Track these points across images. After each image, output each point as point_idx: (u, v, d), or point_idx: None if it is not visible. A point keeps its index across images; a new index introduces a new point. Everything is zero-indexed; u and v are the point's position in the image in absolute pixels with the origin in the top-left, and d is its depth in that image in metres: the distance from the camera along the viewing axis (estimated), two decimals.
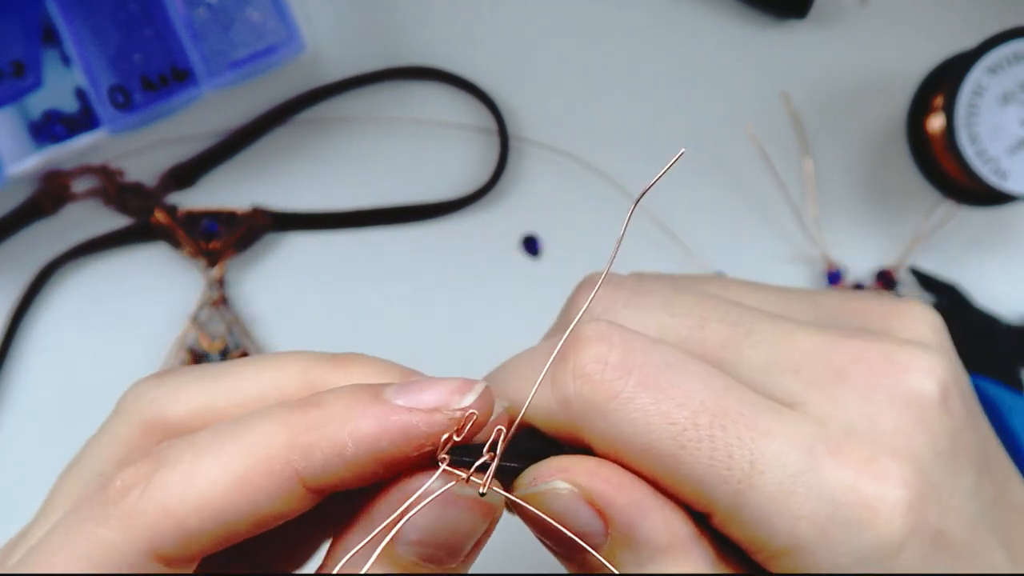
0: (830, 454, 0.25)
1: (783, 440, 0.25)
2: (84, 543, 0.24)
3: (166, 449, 0.25)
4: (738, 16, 0.48)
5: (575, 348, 0.26)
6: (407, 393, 0.24)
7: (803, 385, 0.26)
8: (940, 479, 0.25)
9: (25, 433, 0.47)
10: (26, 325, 0.47)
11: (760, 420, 0.25)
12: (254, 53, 0.44)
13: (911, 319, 0.28)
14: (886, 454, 0.25)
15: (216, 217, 0.47)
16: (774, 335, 0.27)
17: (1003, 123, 0.44)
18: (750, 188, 0.48)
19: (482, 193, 0.47)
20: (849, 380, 0.26)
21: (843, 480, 0.24)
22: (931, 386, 0.26)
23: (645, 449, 0.25)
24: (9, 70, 0.43)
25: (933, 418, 0.26)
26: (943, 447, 0.26)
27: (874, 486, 0.24)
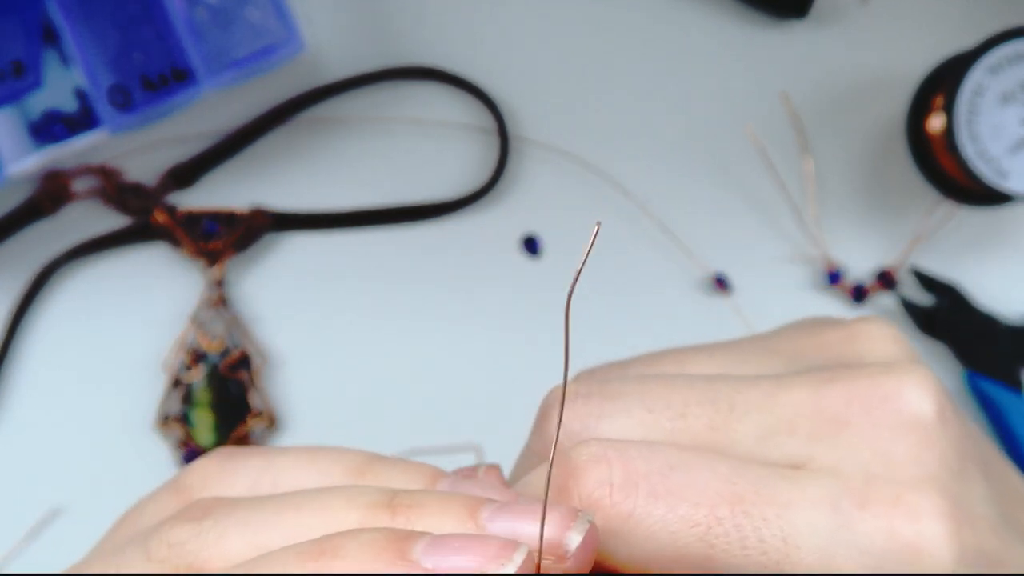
0: (857, 506, 0.24)
1: (807, 507, 0.24)
2: None
3: None
4: (738, 16, 0.48)
5: (575, 478, 0.24)
6: (440, 551, 0.22)
7: (804, 442, 0.25)
8: (960, 495, 0.25)
9: (25, 433, 0.47)
10: (26, 325, 0.47)
11: (778, 493, 0.24)
12: (254, 53, 0.44)
13: (872, 339, 0.27)
14: (910, 489, 0.24)
15: (216, 217, 0.47)
16: (757, 401, 0.26)
17: (1003, 123, 0.44)
18: (750, 188, 0.48)
19: (482, 193, 0.47)
20: (849, 424, 0.25)
21: (880, 529, 0.24)
22: (926, 406, 0.25)
23: (676, 560, 0.24)
24: (9, 70, 0.43)
25: (936, 435, 0.25)
26: (952, 461, 0.25)
27: (911, 527, 0.24)
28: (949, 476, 0.25)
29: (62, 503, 0.46)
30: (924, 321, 0.47)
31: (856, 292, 0.47)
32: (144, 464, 0.46)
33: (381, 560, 0.21)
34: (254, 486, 0.26)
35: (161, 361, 0.47)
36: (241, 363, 0.47)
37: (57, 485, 0.47)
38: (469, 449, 0.47)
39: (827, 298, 0.48)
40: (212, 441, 0.46)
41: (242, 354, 0.47)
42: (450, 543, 0.22)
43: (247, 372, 0.47)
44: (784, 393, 0.26)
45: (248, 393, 0.47)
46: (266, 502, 0.25)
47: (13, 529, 0.46)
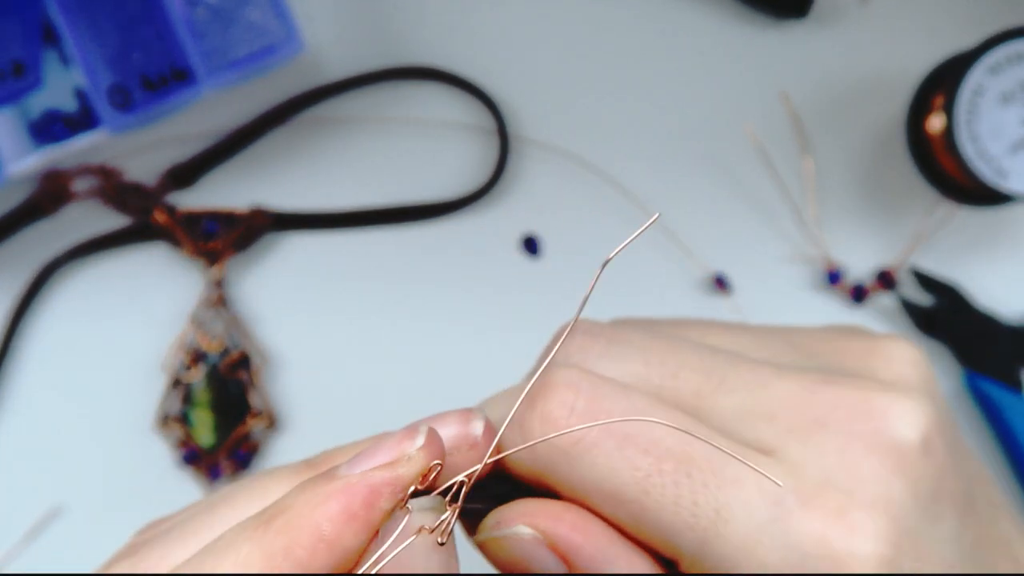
0: (800, 504, 0.24)
1: (752, 489, 0.24)
2: None
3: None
4: (738, 16, 0.48)
5: (544, 393, 0.26)
6: (357, 463, 0.24)
7: (779, 432, 0.26)
8: (918, 526, 0.25)
9: (25, 433, 0.47)
10: (26, 325, 0.47)
11: (728, 468, 0.25)
12: (254, 53, 0.44)
13: (892, 359, 0.28)
14: (860, 506, 0.24)
15: (216, 217, 0.47)
16: (750, 382, 0.26)
17: (1003, 123, 0.44)
18: (750, 188, 0.48)
19: (482, 193, 0.47)
20: (827, 428, 0.25)
21: (812, 532, 0.24)
22: (911, 432, 0.25)
23: (610, 495, 0.25)
24: (9, 70, 0.43)
25: (913, 464, 0.25)
26: (923, 492, 0.25)
27: (844, 540, 0.24)
28: (912, 505, 0.25)
29: (62, 503, 0.46)
30: (924, 321, 0.47)
31: (856, 292, 0.47)
32: (144, 464, 0.46)
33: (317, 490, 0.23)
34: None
35: (161, 361, 0.47)
36: (241, 363, 0.47)
37: (57, 485, 0.47)
38: None
39: (827, 298, 0.48)
40: (212, 441, 0.46)
41: (242, 354, 0.47)
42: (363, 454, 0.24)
43: (247, 372, 0.47)
44: (777, 382, 0.26)
45: (248, 393, 0.47)
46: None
47: (13, 529, 0.46)
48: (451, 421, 0.26)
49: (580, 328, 0.29)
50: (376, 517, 0.24)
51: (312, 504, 0.24)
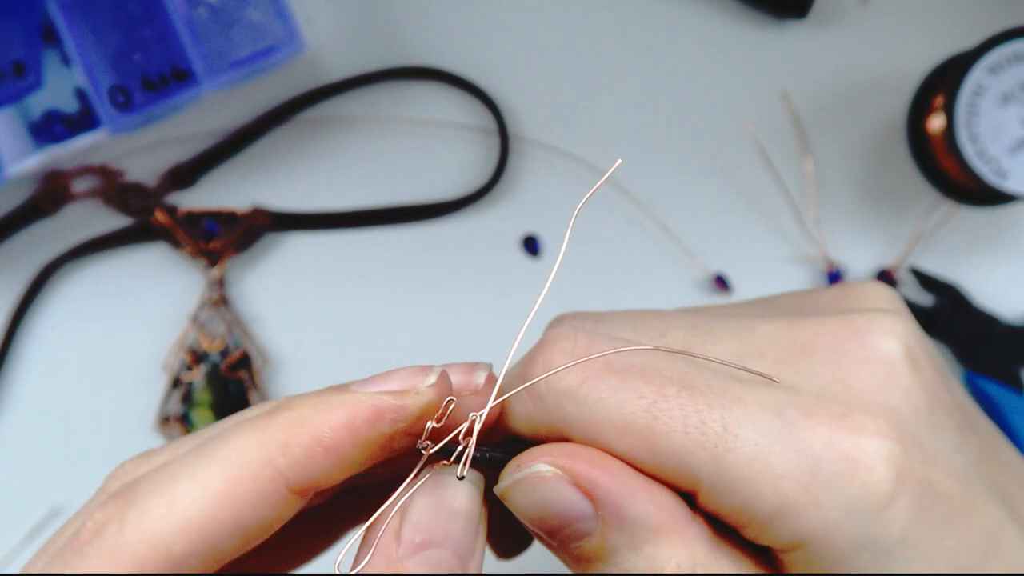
0: (803, 415, 0.25)
1: (753, 405, 0.25)
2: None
3: (135, 484, 0.25)
4: (738, 16, 0.48)
5: (543, 347, 0.27)
6: (369, 384, 0.26)
7: (769, 365, 0.27)
8: (920, 431, 0.26)
9: (25, 433, 0.47)
10: (26, 325, 0.47)
11: (728, 389, 0.25)
12: (254, 53, 0.44)
13: (864, 294, 0.29)
14: (859, 410, 0.25)
15: (216, 217, 0.47)
16: (735, 329, 0.28)
17: (1003, 123, 0.44)
18: (750, 188, 0.48)
19: (482, 193, 0.47)
20: (815, 352, 0.26)
21: (819, 436, 0.25)
22: (895, 344, 0.26)
23: (620, 426, 0.25)
24: (9, 70, 0.43)
25: (903, 373, 0.26)
26: (918, 401, 0.26)
27: (851, 439, 0.25)
28: (911, 412, 0.26)
29: (62, 503, 0.46)
30: (924, 321, 0.47)
31: None
32: None
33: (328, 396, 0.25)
34: None
35: (161, 361, 0.47)
36: (241, 363, 0.47)
37: (57, 485, 0.47)
38: None
39: None
40: None
41: (242, 354, 0.47)
42: (377, 377, 0.26)
43: (247, 372, 0.47)
44: (761, 324, 0.28)
45: (248, 393, 0.47)
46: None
47: (13, 529, 0.46)
48: (456, 369, 0.28)
49: (568, 315, 0.30)
50: (375, 436, 0.25)
51: (318, 409, 0.25)
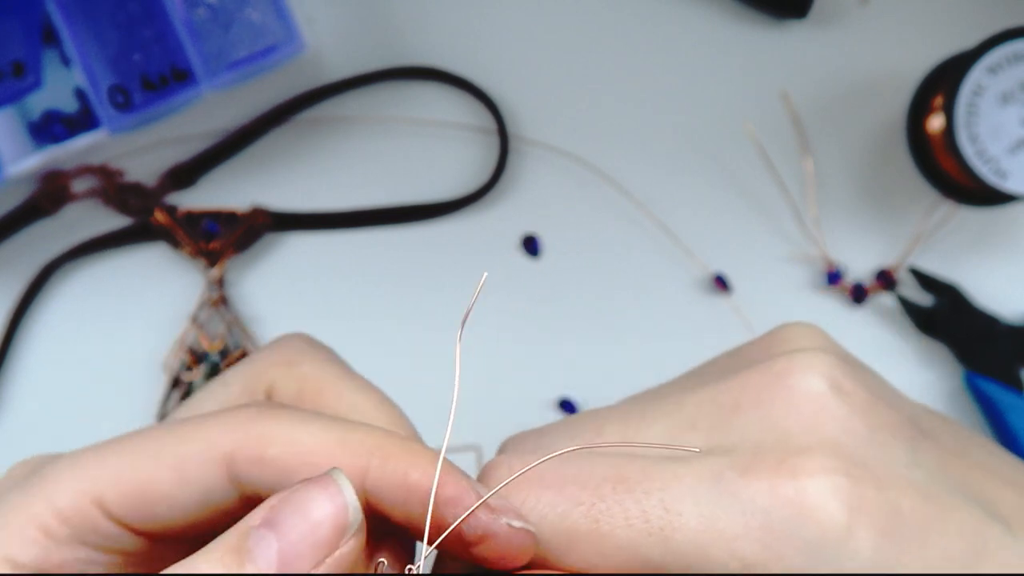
0: (740, 474, 0.25)
1: (690, 478, 0.25)
2: None
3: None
4: (738, 16, 0.48)
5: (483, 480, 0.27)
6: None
7: (705, 435, 0.27)
8: (864, 456, 0.25)
9: (25, 433, 0.47)
10: (26, 325, 0.47)
11: (662, 472, 0.25)
12: (254, 53, 0.44)
13: (786, 336, 0.29)
14: (795, 453, 0.25)
15: (216, 217, 0.47)
16: (666, 408, 0.28)
17: (1003, 123, 0.44)
18: (750, 188, 0.48)
19: (482, 193, 0.47)
20: (743, 409, 0.26)
21: (761, 490, 0.24)
22: (816, 379, 0.26)
23: (567, 538, 0.25)
24: (9, 70, 0.43)
25: (832, 405, 0.26)
26: (855, 427, 0.26)
27: (792, 483, 0.24)
28: (850, 440, 0.25)
29: None
30: (924, 321, 0.47)
31: (856, 292, 0.47)
32: None
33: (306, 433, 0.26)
34: None
35: (161, 361, 0.47)
36: None
37: None
38: (469, 450, 0.47)
39: (827, 298, 0.48)
40: None
41: (242, 354, 0.47)
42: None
43: None
44: (689, 396, 0.28)
45: None
46: None
47: None
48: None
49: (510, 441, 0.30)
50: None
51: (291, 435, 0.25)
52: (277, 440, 0.25)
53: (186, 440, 0.26)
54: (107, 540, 0.26)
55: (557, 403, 0.47)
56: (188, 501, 0.26)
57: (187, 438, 0.26)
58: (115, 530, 0.26)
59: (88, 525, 0.26)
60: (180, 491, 0.25)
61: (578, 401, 0.47)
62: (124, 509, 0.26)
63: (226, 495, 0.26)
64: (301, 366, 0.30)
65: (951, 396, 0.48)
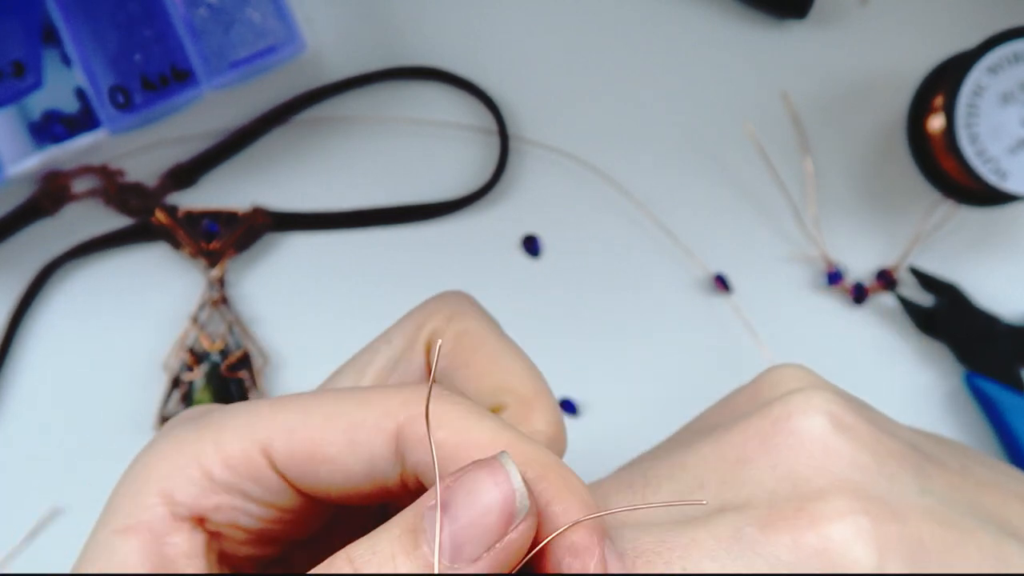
0: (759, 529, 0.25)
1: (709, 540, 0.25)
2: None
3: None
4: (738, 16, 0.48)
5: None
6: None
7: (715, 492, 0.26)
8: (876, 490, 0.25)
9: (25, 433, 0.47)
10: (26, 325, 0.47)
11: (680, 536, 0.25)
12: (254, 53, 0.44)
13: (775, 380, 0.28)
14: (811, 500, 0.25)
15: (216, 217, 0.47)
16: (668, 470, 0.27)
17: (1003, 123, 0.44)
18: (750, 188, 0.48)
19: (482, 193, 0.47)
20: (750, 460, 0.26)
21: (783, 543, 0.24)
22: (817, 419, 0.26)
23: None
24: (9, 70, 0.43)
25: (838, 443, 0.26)
26: (864, 461, 0.26)
27: (814, 532, 0.24)
28: (862, 475, 0.25)
29: (62, 503, 0.46)
30: (924, 321, 0.47)
31: (856, 292, 0.47)
32: None
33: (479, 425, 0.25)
34: None
35: (161, 361, 0.47)
36: (242, 363, 0.47)
37: (57, 485, 0.47)
38: None
39: (827, 298, 0.48)
40: None
41: (243, 354, 0.47)
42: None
43: (248, 372, 0.47)
44: (691, 455, 0.27)
45: (249, 393, 0.47)
46: None
47: (13, 529, 0.46)
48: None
49: None
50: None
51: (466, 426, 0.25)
52: (449, 425, 0.24)
53: (363, 406, 0.25)
54: (266, 493, 0.26)
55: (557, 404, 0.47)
56: (353, 467, 0.25)
57: (364, 404, 0.25)
58: (277, 483, 0.26)
59: (252, 473, 0.25)
60: (348, 455, 0.25)
61: (578, 401, 0.47)
62: (290, 464, 0.25)
63: (389, 469, 0.25)
64: (462, 321, 0.29)
65: (951, 396, 0.48)
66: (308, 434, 0.25)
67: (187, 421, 0.27)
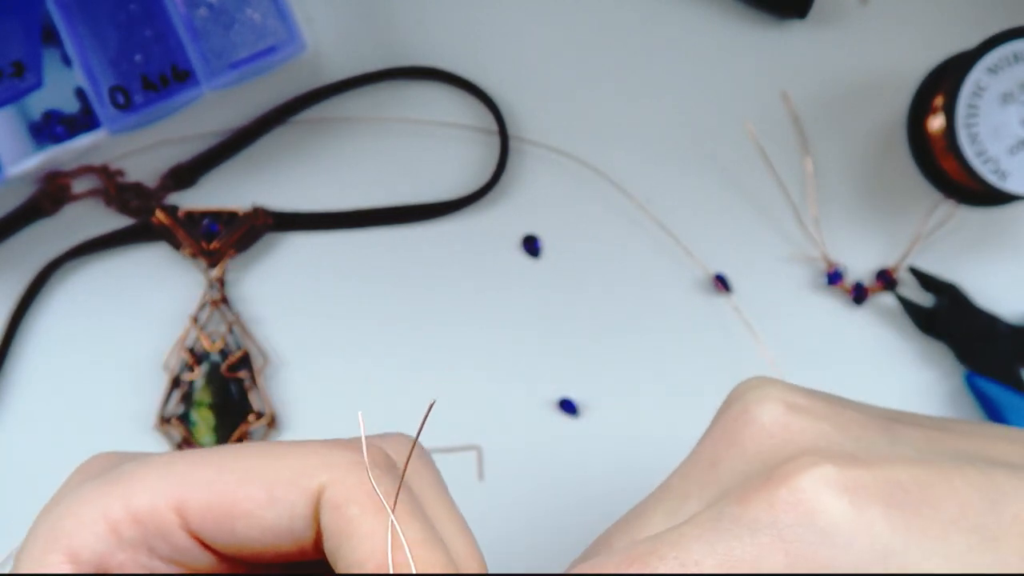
0: (737, 504, 0.25)
1: (696, 532, 0.25)
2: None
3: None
4: (738, 16, 0.48)
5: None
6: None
7: (697, 499, 0.27)
8: (846, 449, 0.26)
9: (25, 433, 0.47)
10: (26, 325, 0.47)
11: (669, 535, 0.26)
12: (254, 53, 0.44)
13: (737, 390, 0.29)
14: (779, 466, 0.26)
15: (216, 217, 0.47)
16: (658, 495, 0.29)
17: (1003, 123, 0.44)
18: (750, 188, 0.48)
19: (482, 193, 0.47)
20: (721, 458, 0.27)
21: (761, 507, 0.25)
22: (773, 406, 0.27)
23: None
24: (9, 70, 0.43)
25: (796, 422, 0.27)
26: (826, 431, 0.27)
27: (785, 488, 0.25)
28: (828, 442, 0.26)
29: None
30: (924, 321, 0.47)
31: (856, 292, 0.48)
32: None
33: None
34: None
35: (161, 361, 0.47)
36: (242, 363, 0.47)
37: (57, 485, 0.47)
38: (469, 450, 0.47)
39: (827, 298, 0.48)
40: (212, 441, 0.46)
41: (243, 354, 0.47)
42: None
43: (248, 372, 0.47)
44: (673, 477, 0.29)
45: (249, 393, 0.47)
46: None
47: (13, 530, 0.46)
48: None
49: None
50: None
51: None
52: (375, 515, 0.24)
53: (282, 461, 0.25)
54: (175, 552, 0.25)
55: (557, 403, 0.47)
56: (272, 524, 0.25)
57: (284, 459, 0.25)
58: (186, 542, 0.25)
59: (160, 531, 0.25)
60: (266, 511, 0.24)
61: (578, 401, 0.47)
62: (204, 521, 0.25)
63: (308, 529, 0.25)
64: (417, 477, 0.28)
65: (951, 396, 0.48)
66: (225, 488, 0.25)
67: (96, 472, 0.27)
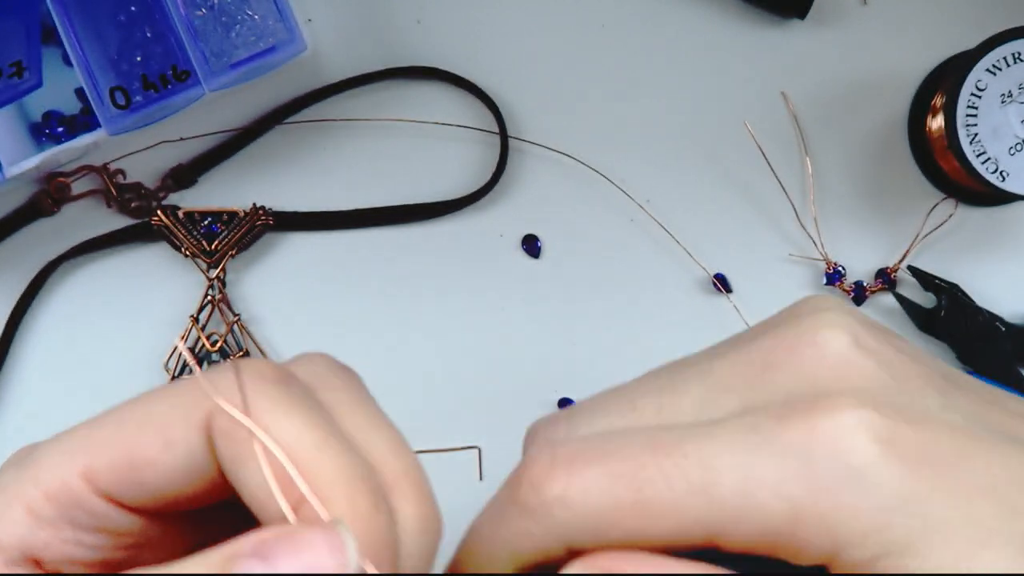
0: (776, 422, 0.25)
1: (726, 435, 0.25)
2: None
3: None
4: (738, 16, 0.48)
5: (523, 470, 0.26)
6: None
7: (740, 395, 0.27)
8: (896, 401, 0.26)
9: (25, 433, 0.47)
10: (26, 325, 0.47)
11: (698, 432, 0.25)
12: (255, 53, 0.44)
13: (811, 302, 0.29)
14: (828, 396, 0.25)
15: (216, 217, 0.47)
16: (697, 375, 0.28)
17: (1003, 123, 0.44)
18: (750, 188, 0.48)
19: (482, 193, 0.47)
20: (775, 365, 0.27)
21: (798, 432, 0.25)
22: (841, 335, 0.27)
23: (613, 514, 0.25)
24: (9, 70, 0.43)
25: (858, 360, 0.27)
26: (883, 379, 0.26)
27: (826, 420, 0.24)
28: (880, 389, 0.26)
29: None
30: (924, 321, 0.47)
31: (856, 292, 0.47)
32: None
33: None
34: None
35: (162, 361, 0.47)
36: None
37: None
38: (469, 450, 0.47)
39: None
40: None
41: (245, 353, 0.47)
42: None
43: None
44: (718, 361, 0.28)
45: None
46: None
47: None
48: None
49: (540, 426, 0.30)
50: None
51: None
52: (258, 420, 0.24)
53: (167, 401, 0.25)
54: (95, 518, 0.25)
55: (557, 403, 0.47)
56: (173, 466, 0.25)
57: (169, 400, 0.25)
58: (102, 506, 0.25)
59: (75, 502, 0.25)
60: (165, 455, 0.24)
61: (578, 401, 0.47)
62: (111, 480, 0.25)
63: (210, 464, 0.25)
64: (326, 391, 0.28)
65: None
66: (124, 443, 0.25)
67: (11, 466, 0.27)
